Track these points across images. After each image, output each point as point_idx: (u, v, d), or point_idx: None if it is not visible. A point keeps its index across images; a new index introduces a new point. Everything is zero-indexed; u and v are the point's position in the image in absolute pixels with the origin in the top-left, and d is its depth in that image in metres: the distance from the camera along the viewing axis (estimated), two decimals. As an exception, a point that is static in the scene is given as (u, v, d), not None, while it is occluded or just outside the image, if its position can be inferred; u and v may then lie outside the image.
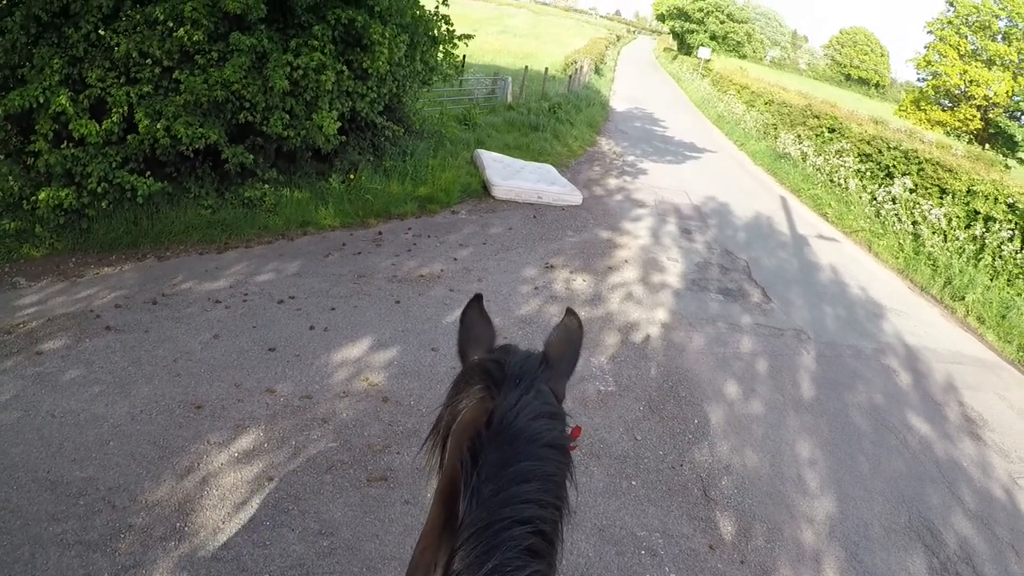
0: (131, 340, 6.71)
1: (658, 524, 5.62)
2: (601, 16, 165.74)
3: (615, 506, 5.67)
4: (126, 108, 8.91)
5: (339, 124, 10.48)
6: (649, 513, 5.73)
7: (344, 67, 10.31)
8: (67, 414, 5.51)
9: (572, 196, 14.48)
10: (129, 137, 9.01)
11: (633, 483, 6.06)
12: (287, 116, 9.78)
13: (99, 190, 8.68)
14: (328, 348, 7.16)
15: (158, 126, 8.89)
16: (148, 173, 9.17)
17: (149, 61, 9.00)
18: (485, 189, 14.06)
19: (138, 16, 9.02)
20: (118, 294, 7.68)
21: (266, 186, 10.48)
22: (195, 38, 8.91)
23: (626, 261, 11.56)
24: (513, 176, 14.56)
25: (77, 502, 4.67)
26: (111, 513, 4.62)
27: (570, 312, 2.00)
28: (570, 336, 1.91)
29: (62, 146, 8.71)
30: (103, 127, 8.71)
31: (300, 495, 5.07)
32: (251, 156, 9.89)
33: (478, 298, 2.01)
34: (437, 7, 12.88)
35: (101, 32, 8.96)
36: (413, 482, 5.41)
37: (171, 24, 8.88)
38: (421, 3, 12.76)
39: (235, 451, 5.43)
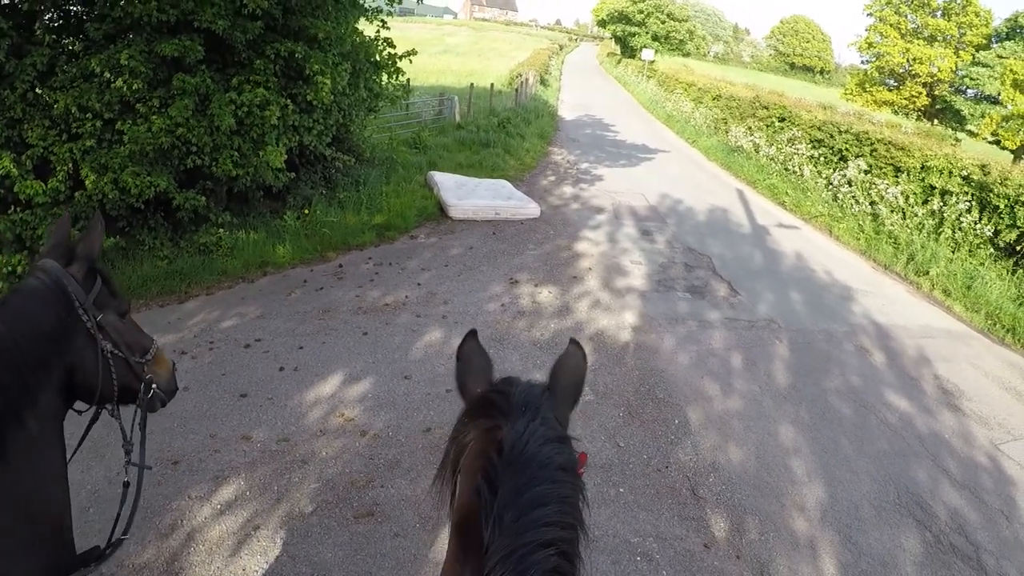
0: (99, 401, 6.58)
1: (650, 528, 5.63)
2: (542, 27, 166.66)
3: (605, 515, 5.66)
4: (71, 165, 8.80)
5: (286, 157, 10.39)
6: (640, 518, 5.73)
7: (288, 101, 10.24)
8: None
9: (529, 209, 14.52)
10: (77, 194, 8.88)
11: (621, 490, 6.06)
12: (236, 155, 9.69)
13: (52, 252, 8.52)
14: (300, 388, 7.08)
15: (105, 180, 8.76)
16: (100, 229, 8.99)
17: (89, 115, 8.87)
18: (442, 211, 14.04)
19: (74, 70, 8.94)
20: (82, 356, 7.53)
21: (221, 230, 10.34)
22: (134, 87, 8.82)
23: (590, 269, 11.61)
24: (469, 195, 14.57)
25: (59, 574, 4.56)
26: (97, 581, 4.51)
27: (574, 342, 1.98)
28: (574, 366, 1.91)
29: (9, 211, 8.56)
30: (49, 186, 8.58)
31: (288, 540, 5.01)
32: (203, 199, 9.76)
33: (473, 333, 2.01)
34: (378, 31, 12.86)
35: (38, 91, 8.84)
36: (400, 514, 5.37)
37: (108, 75, 8.78)
38: (360, 30, 12.73)
39: (217, 503, 5.34)
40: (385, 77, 13.23)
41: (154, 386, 2.85)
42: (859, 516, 6.19)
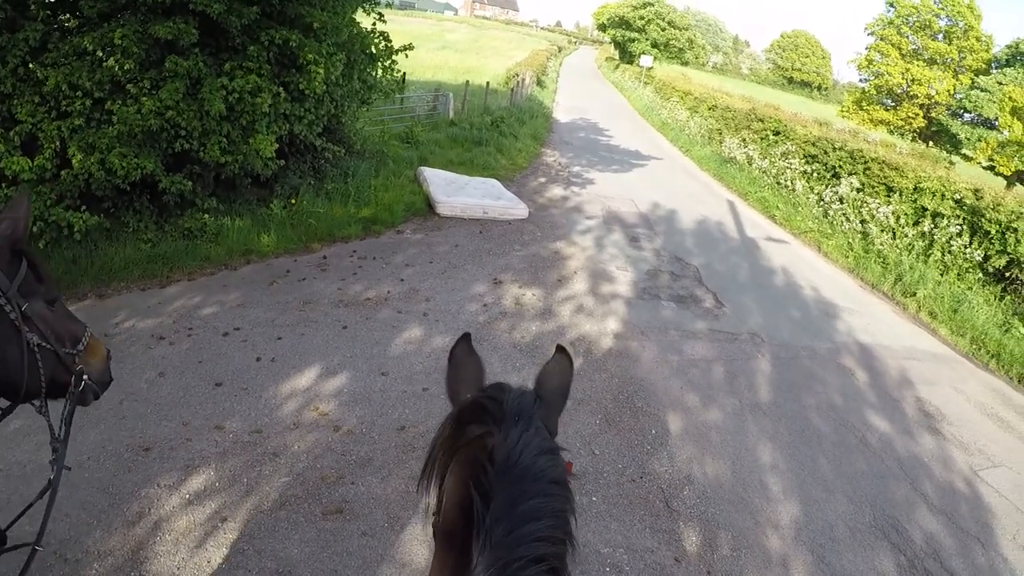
0: (73, 383, 6.53)
1: (621, 539, 5.62)
2: (542, 28, 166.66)
3: (576, 524, 5.60)
4: (58, 143, 8.72)
5: (276, 147, 10.33)
6: (612, 529, 5.72)
7: (280, 89, 10.16)
8: (12, 466, 5.31)
9: (518, 210, 14.51)
10: (63, 173, 8.79)
11: (594, 499, 6.06)
12: (224, 141, 9.62)
13: (35, 229, 8.46)
14: (276, 379, 7.05)
15: (92, 159, 8.68)
16: (84, 208, 8.94)
17: (79, 93, 8.78)
18: (430, 207, 14.01)
19: (67, 47, 8.85)
20: (58, 336, 7.46)
21: (206, 216, 10.29)
22: (126, 67, 8.74)
23: (575, 273, 11.60)
24: (458, 192, 14.56)
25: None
26: (63, 568, 4.47)
27: (560, 349, 1.96)
28: (561, 373, 1.88)
29: (-6, 187, 8.48)
30: (36, 164, 8.49)
31: (255, 534, 4.98)
32: (189, 184, 9.69)
33: (466, 336, 1.98)
34: (374, 23, 12.81)
35: (29, 66, 8.75)
36: (369, 513, 5.35)
37: (100, 54, 8.70)
38: (357, 21, 12.68)
39: (186, 493, 5.30)
40: (380, 70, 13.18)
41: (85, 378, 2.72)
42: (833, 536, 6.20)
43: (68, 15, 9.52)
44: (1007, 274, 13.93)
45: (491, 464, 1.43)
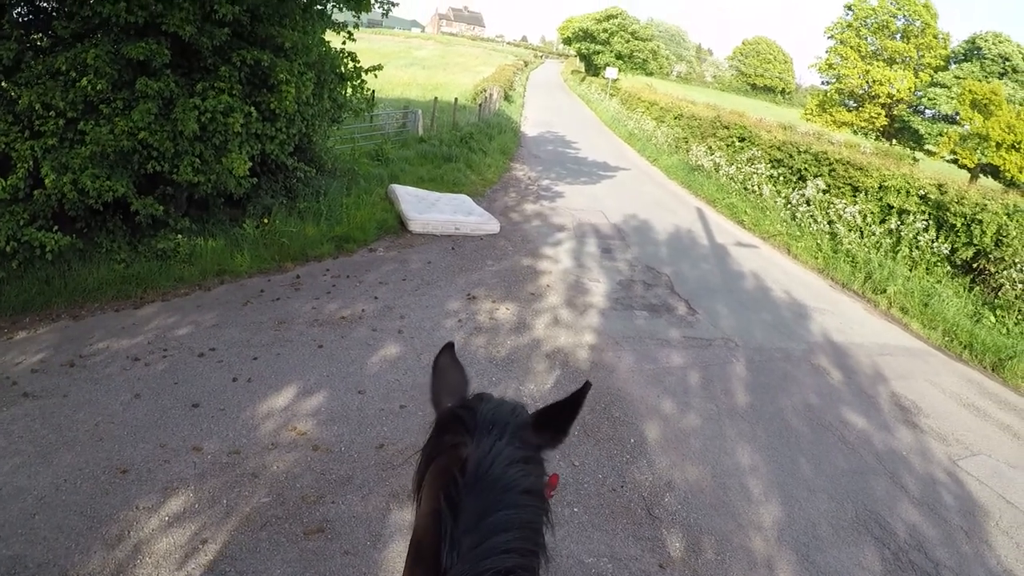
0: (50, 406, 6.50)
1: (605, 549, 5.65)
2: (508, 43, 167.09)
3: (559, 535, 5.66)
4: (31, 162, 8.69)
5: (249, 166, 10.34)
6: (594, 539, 5.76)
7: (252, 109, 10.20)
8: (-15, 490, 5.31)
9: (489, 225, 14.59)
10: (35, 192, 8.77)
11: (575, 510, 6.08)
12: (197, 161, 9.62)
13: (7, 250, 8.43)
14: (253, 399, 7.05)
15: (64, 179, 8.67)
16: (56, 228, 8.91)
17: (53, 113, 8.79)
18: (402, 224, 14.05)
19: (40, 67, 8.87)
20: (34, 359, 7.43)
21: (179, 236, 10.27)
22: (99, 87, 8.76)
23: (548, 286, 11.67)
24: (429, 209, 14.60)
25: (2, 582, 4.50)
26: (39, 592, 4.46)
27: (587, 385, 1.85)
28: (568, 411, 1.79)
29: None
30: (8, 183, 8.47)
31: (236, 555, 4.98)
32: (161, 207, 9.70)
33: (450, 346, 1.99)
34: (344, 43, 12.87)
35: (3, 84, 8.77)
36: (351, 531, 5.36)
37: (74, 74, 8.73)
38: (327, 41, 12.73)
39: (165, 515, 5.30)
40: (350, 89, 13.23)
41: None
42: (817, 535, 6.28)
43: (41, 35, 9.53)
44: (975, 265, 14.27)
45: (462, 475, 1.44)
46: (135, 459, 5.88)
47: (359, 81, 13.28)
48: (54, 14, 9.58)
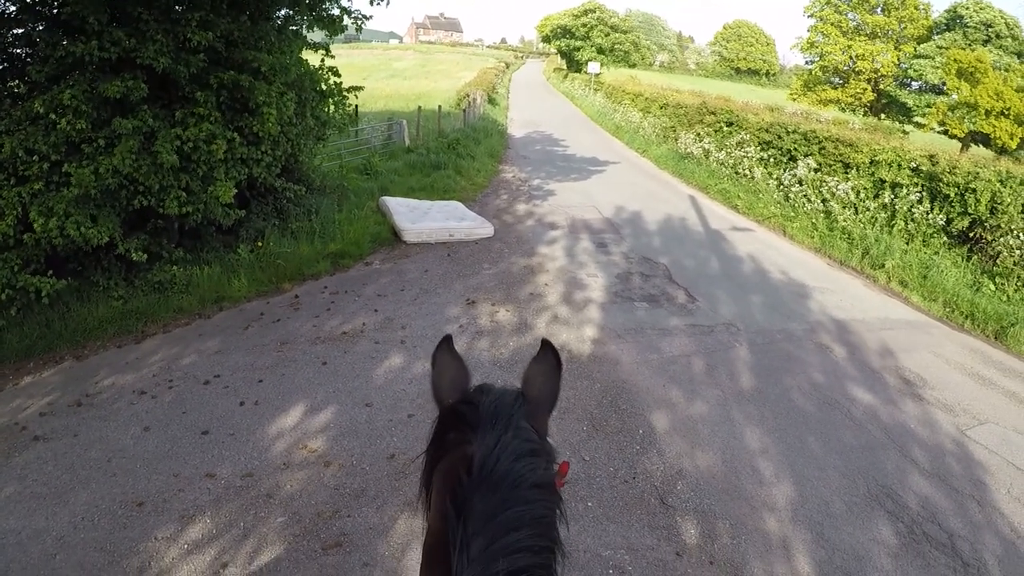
0: (61, 447, 6.53)
1: (621, 540, 5.65)
2: (488, 47, 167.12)
3: (575, 530, 5.65)
4: (20, 208, 8.71)
5: (236, 192, 10.36)
6: (610, 531, 5.75)
7: (235, 134, 10.21)
8: (7, 534, 5.32)
9: (483, 229, 14.61)
10: (25, 237, 8.78)
11: (589, 504, 6.08)
12: (183, 194, 9.65)
13: (3, 297, 8.46)
14: (262, 422, 7.07)
15: (52, 224, 8.67)
16: (50, 272, 8.94)
17: (36, 157, 8.81)
18: (396, 236, 14.08)
19: (19, 113, 8.90)
20: (42, 402, 7.46)
21: (174, 267, 10.31)
22: (79, 127, 8.78)
23: (547, 285, 11.67)
24: (421, 218, 14.64)
25: (26, 625, 4.52)
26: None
27: (545, 344, 1.93)
28: (547, 369, 1.87)
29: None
30: (-1, 231, 8.50)
31: (257, 576, 4.98)
32: (145, 256, 9.75)
33: (447, 339, 1.95)
34: (323, 60, 12.89)
35: (-17, 134, 8.78)
36: (369, 543, 5.38)
37: (52, 116, 8.72)
38: (305, 59, 12.75)
39: (185, 543, 5.31)
40: (332, 105, 13.25)
41: None
42: (830, 512, 6.25)
43: (18, 81, 9.54)
44: (971, 234, 14.20)
45: (468, 474, 1.42)
46: (150, 491, 5.90)
47: (340, 97, 13.30)
48: (28, 59, 9.61)
